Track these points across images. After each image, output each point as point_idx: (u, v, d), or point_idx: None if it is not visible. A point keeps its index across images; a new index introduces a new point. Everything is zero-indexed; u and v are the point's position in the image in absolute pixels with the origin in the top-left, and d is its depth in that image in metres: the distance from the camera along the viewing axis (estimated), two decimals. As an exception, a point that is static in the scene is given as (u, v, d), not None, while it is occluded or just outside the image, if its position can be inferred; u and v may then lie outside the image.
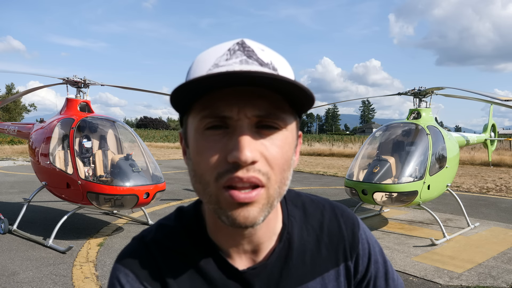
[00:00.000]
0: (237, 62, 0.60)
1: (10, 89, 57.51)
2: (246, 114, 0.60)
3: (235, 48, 0.63)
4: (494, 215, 8.14)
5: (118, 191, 5.46)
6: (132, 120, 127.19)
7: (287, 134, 0.64)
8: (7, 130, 8.87)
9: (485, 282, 4.54)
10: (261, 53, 0.63)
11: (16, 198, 9.33)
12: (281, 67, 0.63)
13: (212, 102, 0.61)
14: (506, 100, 6.62)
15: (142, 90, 8.27)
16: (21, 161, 20.07)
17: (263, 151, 0.61)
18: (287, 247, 0.75)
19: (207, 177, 0.62)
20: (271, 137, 0.62)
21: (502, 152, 21.30)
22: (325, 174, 15.78)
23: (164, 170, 15.32)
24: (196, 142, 0.63)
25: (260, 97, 0.60)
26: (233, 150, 0.59)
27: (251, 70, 0.58)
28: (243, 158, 0.58)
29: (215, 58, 0.62)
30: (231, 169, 0.59)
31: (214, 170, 0.60)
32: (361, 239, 0.81)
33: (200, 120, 0.62)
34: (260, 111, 0.60)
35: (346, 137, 52.93)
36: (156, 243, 0.73)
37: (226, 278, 0.71)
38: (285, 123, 0.63)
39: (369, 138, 7.31)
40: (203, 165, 0.62)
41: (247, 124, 0.60)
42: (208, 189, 0.62)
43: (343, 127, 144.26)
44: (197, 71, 0.63)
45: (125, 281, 0.70)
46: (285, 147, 0.63)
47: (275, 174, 0.62)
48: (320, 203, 0.83)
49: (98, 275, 4.68)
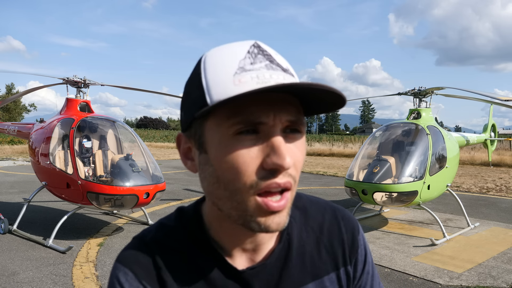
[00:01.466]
0: (263, 67, 0.60)
1: (10, 89, 57.50)
2: (281, 119, 0.61)
3: (254, 51, 0.62)
4: (494, 215, 8.14)
5: (118, 191, 5.46)
6: (132, 120, 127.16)
7: (304, 138, 0.66)
8: (7, 130, 8.87)
9: (485, 282, 4.54)
10: (279, 58, 0.64)
11: (16, 198, 9.33)
12: (294, 72, 0.65)
13: (244, 107, 0.59)
14: (506, 100, 6.62)
15: (142, 90, 8.27)
16: (21, 161, 20.08)
17: (291, 155, 0.62)
18: (287, 247, 0.75)
19: (237, 184, 0.60)
20: (296, 141, 0.64)
21: (502, 152, 21.29)
22: (325, 174, 15.79)
23: (164, 170, 15.32)
24: (225, 148, 0.61)
25: (290, 103, 0.62)
26: (272, 156, 0.59)
27: (280, 78, 0.60)
28: (286, 165, 0.59)
29: (238, 61, 0.61)
30: (267, 176, 0.60)
31: (248, 177, 0.60)
32: (360, 245, 0.81)
33: (229, 127, 0.60)
34: (292, 116, 0.61)
35: (346, 137, 52.92)
36: (156, 243, 0.73)
37: (225, 277, 0.71)
38: (305, 127, 0.65)
39: (369, 138, 7.31)
40: (233, 171, 0.60)
41: (279, 129, 0.61)
42: (237, 196, 0.61)
43: (343, 127, 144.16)
44: (220, 74, 0.61)
45: (124, 280, 0.70)
46: (303, 150, 0.66)
47: (298, 176, 0.65)
48: (321, 205, 0.83)
49: (98, 275, 4.68)
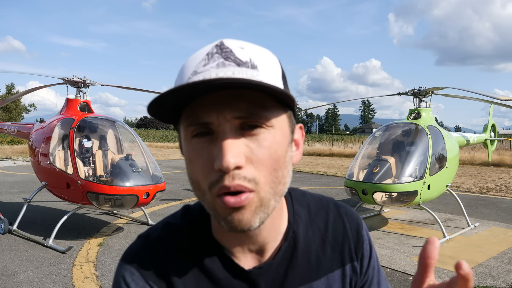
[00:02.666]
0: (213, 67, 0.60)
1: (10, 89, 57.55)
2: (226, 117, 0.59)
3: (213, 51, 0.62)
4: (494, 215, 8.14)
5: (118, 191, 5.46)
6: (132, 120, 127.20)
7: (275, 132, 0.62)
8: (7, 130, 8.87)
9: (485, 282, 4.54)
10: (240, 52, 0.61)
11: (16, 198, 9.33)
12: (262, 63, 0.62)
13: (194, 109, 0.61)
14: (506, 100, 6.62)
15: (142, 90, 8.24)
16: (21, 161, 20.08)
17: (248, 154, 0.59)
18: (293, 246, 0.74)
19: (202, 186, 0.62)
20: (257, 138, 0.60)
21: (502, 152, 21.28)
22: (325, 174, 15.79)
23: (164, 170, 15.32)
24: (187, 151, 0.64)
25: (240, 99, 0.59)
26: (217, 158, 0.58)
27: (227, 75, 0.58)
28: (225, 165, 0.57)
29: (194, 65, 0.62)
30: (219, 179, 0.59)
31: (206, 180, 0.61)
32: (365, 240, 0.81)
33: (185, 129, 0.62)
34: (239, 113, 0.59)
35: (346, 137, 52.88)
36: (162, 241, 0.73)
37: (232, 277, 0.71)
38: (269, 121, 0.61)
39: (369, 138, 7.31)
40: (196, 174, 0.62)
41: (229, 128, 0.59)
42: (205, 197, 0.62)
43: (343, 127, 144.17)
44: (179, 80, 0.63)
45: (130, 279, 0.69)
46: (273, 146, 0.61)
47: (264, 177, 0.60)
48: (324, 203, 0.82)
49: (98, 275, 4.68)
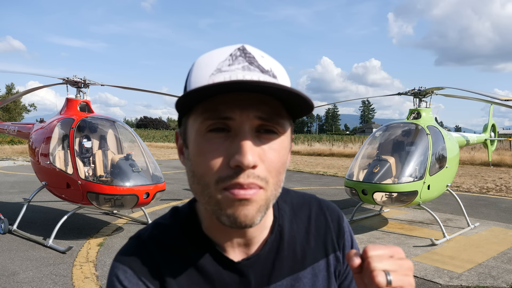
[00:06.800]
0: (239, 69, 0.62)
1: (10, 89, 57.53)
2: (249, 116, 0.61)
3: (236, 53, 0.64)
4: (494, 215, 8.14)
5: (118, 191, 5.46)
6: (132, 120, 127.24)
7: (284, 139, 0.66)
8: (7, 130, 8.87)
9: (485, 282, 4.54)
10: (262, 60, 0.65)
11: (16, 198, 9.33)
12: (280, 74, 0.66)
13: (215, 105, 0.62)
14: (506, 100, 6.62)
15: (142, 90, 8.25)
16: (21, 161, 20.08)
17: (262, 156, 0.62)
18: (279, 238, 0.78)
19: (207, 179, 0.63)
20: (270, 142, 0.64)
21: (502, 152, 21.29)
22: (325, 174, 15.79)
23: (164, 170, 15.32)
24: (198, 144, 0.64)
25: (263, 103, 0.62)
26: (236, 154, 0.60)
27: (254, 79, 0.60)
28: (246, 162, 0.59)
29: (217, 63, 0.63)
30: (232, 175, 0.61)
31: (215, 173, 0.62)
32: (346, 231, 0.86)
33: (202, 122, 0.63)
34: (263, 114, 0.62)
35: (346, 137, 52.91)
36: (153, 240, 0.75)
37: (222, 269, 0.73)
38: (283, 128, 0.65)
39: (369, 138, 7.31)
40: (203, 167, 0.63)
41: (248, 127, 0.62)
42: (207, 191, 0.63)
43: (343, 127, 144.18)
44: (199, 75, 0.64)
45: (123, 277, 0.71)
46: (281, 152, 0.65)
47: (272, 178, 0.64)
48: (307, 199, 0.87)
49: (98, 275, 4.68)
